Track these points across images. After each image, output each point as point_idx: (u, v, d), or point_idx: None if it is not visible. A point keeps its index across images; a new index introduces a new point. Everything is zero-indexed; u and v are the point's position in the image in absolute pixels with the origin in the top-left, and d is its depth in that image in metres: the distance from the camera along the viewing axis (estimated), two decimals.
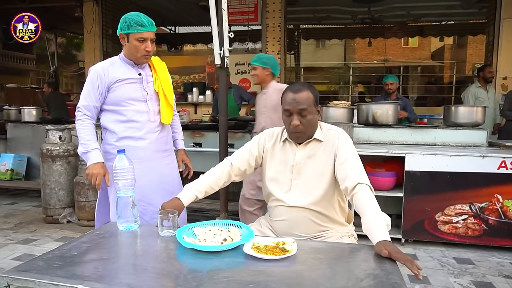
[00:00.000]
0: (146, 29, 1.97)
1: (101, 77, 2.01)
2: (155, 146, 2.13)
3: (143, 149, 2.08)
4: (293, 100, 1.57)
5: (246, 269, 1.18)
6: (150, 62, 2.13)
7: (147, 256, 1.27)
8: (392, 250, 1.22)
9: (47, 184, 3.81)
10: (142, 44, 1.98)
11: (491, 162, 3.04)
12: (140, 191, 1.97)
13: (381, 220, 1.35)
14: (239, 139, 4.05)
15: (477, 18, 8.68)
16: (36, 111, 5.42)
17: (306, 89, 1.60)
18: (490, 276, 2.67)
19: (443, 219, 3.14)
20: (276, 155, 1.71)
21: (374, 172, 3.28)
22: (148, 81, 2.11)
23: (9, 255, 3.00)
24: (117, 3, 7.50)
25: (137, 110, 2.06)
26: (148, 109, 2.09)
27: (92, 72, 2.03)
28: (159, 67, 2.18)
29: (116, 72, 2.03)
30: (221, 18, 2.88)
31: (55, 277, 1.08)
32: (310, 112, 1.58)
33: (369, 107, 3.79)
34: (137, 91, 2.06)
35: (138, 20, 1.95)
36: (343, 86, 14.10)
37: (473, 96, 4.96)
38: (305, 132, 1.61)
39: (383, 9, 8.30)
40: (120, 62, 2.08)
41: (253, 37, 6.88)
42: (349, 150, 1.60)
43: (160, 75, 2.15)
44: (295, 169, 1.64)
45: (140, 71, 2.09)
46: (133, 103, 2.05)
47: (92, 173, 2.00)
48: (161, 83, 2.14)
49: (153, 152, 2.12)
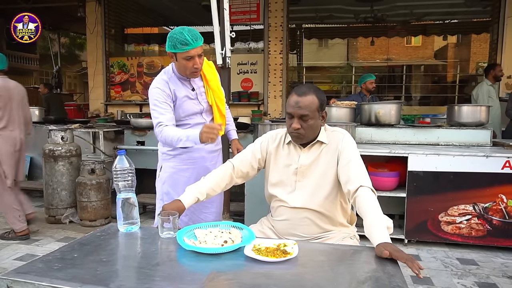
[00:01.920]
0: (191, 47, 1.94)
1: (164, 91, 2.03)
2: (209, 146, 2.18)
3: (198, 151, 2.15)
4: (296, 104, 1.56)
5: (246, 271, 1.17)
6: (201, 71, 2.12)
7: (147, 258, 1.26)
8: (392, 250, 1.22)
9: (50, 184, 3.82)
10: (190, 61, 1.97)
11: (495, 162, 3.01)
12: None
13: (382, 223, 1.34)
14: (241, 140, 4.01)
15: (481, 17, 8.61)
16: (39, 111, 5.44)
17: (311, 93, 1.57)
18: (494, 277, 2.64)
19: (446, 219, 3.12)
20: (280, 157, 1.70)
21: (376, 172, 3.26)
22: (202, 93, 2.15)
23: (12, 255, 3.01)
24: (119, 3, 7.50)
25: (195, 123, 2.13)
26: (204, 120, 2.16)
27: (155, 90, 2.03)
28: (209, 74, 2.17)
29: (174, 89, 2.06)
30: (223, 18, 2.87)
31: (55, 279, 1.07)
32: (312, 118, 1.57)
33: (371, 107, 3.77)
34: (193, 106, 2.12)
35: (182, 40, 1.92)
36: (346, 85, 14.06)
37: (487, 94, 4.88)
38: (304, 136, 1.60)
39: (386, 8, 8.27)
40: (174, 78, 2.08)
41: (255, 36, 6.85)
42: (352, 152, 1.59)
43: (212, 84, 2.16)
44: (299, 172, 1.64)
45: (193, 85, 2.12)
46: (191, 117, 2.13)
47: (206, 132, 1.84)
48: (213, 95, 2.16)
49: (207, 153, 2.20)
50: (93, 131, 4.43)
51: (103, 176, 3.77)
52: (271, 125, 3.17)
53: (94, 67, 7.12)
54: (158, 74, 2.14)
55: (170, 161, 2.17)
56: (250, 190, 3.29)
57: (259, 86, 6.61)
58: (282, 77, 6.40)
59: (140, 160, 4.07)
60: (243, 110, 6.41)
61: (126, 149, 4.08)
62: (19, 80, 3.77)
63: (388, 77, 13.35)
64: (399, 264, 1.21)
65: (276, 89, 6.43)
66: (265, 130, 3.16)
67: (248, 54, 6.65)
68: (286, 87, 6.48)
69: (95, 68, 7.12)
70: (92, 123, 5.12)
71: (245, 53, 6.66)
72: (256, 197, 3.09)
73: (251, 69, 6.64)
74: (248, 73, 6.65)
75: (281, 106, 6.43)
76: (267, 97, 6.47)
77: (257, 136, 3.25)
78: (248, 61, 6.63)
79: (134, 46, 7.51)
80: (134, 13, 8.17)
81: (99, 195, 3.69)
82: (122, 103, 7.13)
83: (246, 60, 6.63)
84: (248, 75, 6.66)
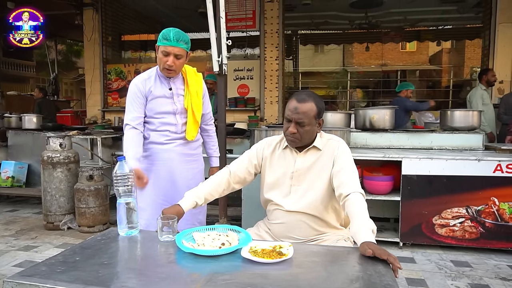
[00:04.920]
0: (170, 44, 2.00)
1: (140, 90, 2.12)
2: (181, 149, 2.21)
3: (168, 152, 2.18)
4: (295, 110, 1.61)
5: (243, 272, 1.21)
6: (184, 74, 2.19)
7: (147, 260, 1.30)
8: (375, 248, 1.28)
9: (48, 191, 3.84)
10: (165, 57, 2.03)
11: (487, 165, 3.07)
12: (161, 191, 2.16)
13: (368, 225, 1.40)
14: (238, 145, 4.09)
15: (473, 23, 8.76)
16: (37, 118, 5.46)
17: (311, 100, 1.63)
18: (487, 278, 2.69)
19: (440, 222, 3.17)
20: (275, 162, 1.75)
21: (371, 176, 3.31)
22: (179, 95, 2.18)
23: (11, 261, 3.03)
24: (117, 11, 7.57)
25: (166, 122, 2.17)
26: (176, 121, 2.18)
27: (132, 85, 2.14)
28: (192, 81, 2.23)
29: (151, 86, 2.12)
30: (219, 26, 2.92)
31: (58, 281, 1.11)
32: (309, 124, 1.63)
33: (366, 112, 3.83)
34: (167, 105, 2.15)
35: (165, 34, 2.01)
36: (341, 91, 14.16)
37: (481, 99, 4.97)
38: (300, 140, 1.66)
39: (380, 14, 8.39)
40: (155, 75, 2.16)
41: (251, 43, 6.93)
42: (347, 159, 1.65)
43: (192, 90, 2.20)
44: (295, 176, 1.69)
45: (171, 85, 2.16)
46: (163, 115, 2.16)
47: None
48: (191, 99, 2.19)
49: (178, 155, 2.21)
50: (91, 137, 4.46)
51: (101, 182, 3.80)
52: (268, 130, 3.22)
53: (92, 74, 7.17)
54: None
55: (143, 162, 2.17)
56: (247, 195, 3.33)
57: (256, 92, 6.67)
58: (278, 83, 6.46)
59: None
60: (240, 115, 6.46)
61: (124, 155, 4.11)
62: (16, 87, 3.80)
63: (383, 82, 13.47)
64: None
65: (272, 95, 6.49)
66: (261, 135, 3.21)
67: (244, 60, 6.72)
68: (282, 92, 6.55)
69: (92, 75, 7.17)
70: (89, 130, 5.15)
71: (241, 59, 6.73)
72: (253, 201, 3.14)
73: (248, 75, 6.71)
74: (245, 79, 6.72)
75: (278, 112, 6.49)
76: (264, 102, 6.53)
77: (253, 141, 3.30)
78: (245, 67, 6.70)
79: (131, 53, 7.58)
80: (131, 20, 8.25)
81: (97, 201, 3.71)
82: (120, 109, 7.17)
83: (242, 66, 6.70)
84: (245, 81, 6.72)
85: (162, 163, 2.18)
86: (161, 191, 2.18)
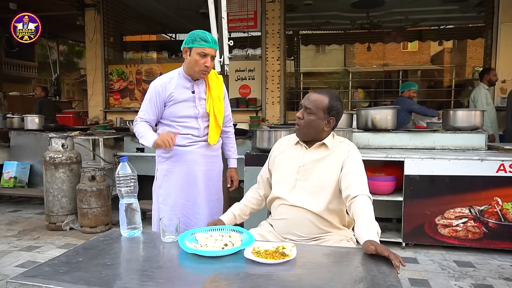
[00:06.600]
0: (209, 45, 2.05)
1: (159, 94, 2.12)
2: (203, 151, 2.23)
3: (191, 153, 2.19)
4: (307, 97, 1.72)
5: (246, 273, 1.20)
6: (206, 78, 2.19)
7: (150, 261, 1.30)
8: (377, 245, 1.29)
9: (50, 192, 3.85)
10: (202, 59, 2.05)
11: (490, 165, 3.06)
12: (183, 191, 2.19)
13: (373, 226, 1.41)
14: (239, 146, 4.07)
15: (475, 22, 8.74)
16: (39, 119, 5.48)
17: (325, 94, 1.70)
18: (491, 278, 2.68)
19: (443, 222, 3.16)
20: (284, 158, 1.79)
21: (374, 176, 3.30)
22: (201, 99, 2.19)
23: (13, 262, 3.03)
24: (118, 12, 7.58)
25: (188, 126, 2.17)
26: (198, 126, 2.19)
27: (152, 88, 2.15)
28: (214, 84, 2.23)
29: (173, 90, 2.13)
30: (221, 27, 2.93)
31: (62, 282, 1.11)
32: (314, 114, 1.67)
33: (368, 112, 3.82)
34: (189, 109, 2.16)
35: (202, 36, 2.05)
36: (343, 91, 14.14)
37: (485, 98, 4.93)
38: (301, 129, 1.71)
39: (382, 14, 8.37)
40: (178, 78, 2.15)
41: (253, 43, 6.92)
42: (357, 163, 1.67)
43: (214, 94, 2.21)
44: (301, 170, 1.71)
45: (195, 88, 2.17)
46: (185, 120, 2.17)
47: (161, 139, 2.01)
48: (213, 103, 2.20)
49: (200, 157, 2.22)
50: (93, 138, 4.47)
51: (103, 183, 3.80)
52: (269, 131, 3.22)
53: (93, 74, 7.17)
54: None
55: (164, 163, 2.21)
56: None
57: (257, 92, 6.66)
58: (280, 83, 6.46)
59: (139, 166, 4.09)
60: (242, 116, 6.45)
61: (126, 156, 4.12)
62: (18, 88, 3.81)
63: (384, 82, 13.45)
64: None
65: (274, 95, 6.48)
66: (263, 136, 3.21)
67: (246, 61, 6.71)
68: (283, 93, 6.54)
69: (94, 75, 7.17)
70: (91, 131, 5.16)
71: (243, 59, 6.72)
72: None
73: (249, 76, 6.70)
74: (246, 80, 6.71)
75: (279, 112, 6.48)
76: (265, 103, 6.53)
77: (255, 142, 3.30)
78: (246, 68, 6.69)
79: (133, 53, 7.57)
80: (133, 21, 8.25)
81: (99, 202, 3.71)
82: (121, 110, 7.18)
83: (244, 66, 6.69)
84: (246, 81, 6.71)
85: (185, 165, 2.19)
86: (182, 191, 2.20)
